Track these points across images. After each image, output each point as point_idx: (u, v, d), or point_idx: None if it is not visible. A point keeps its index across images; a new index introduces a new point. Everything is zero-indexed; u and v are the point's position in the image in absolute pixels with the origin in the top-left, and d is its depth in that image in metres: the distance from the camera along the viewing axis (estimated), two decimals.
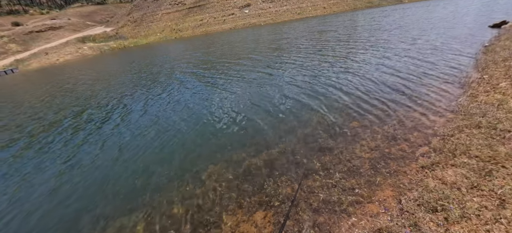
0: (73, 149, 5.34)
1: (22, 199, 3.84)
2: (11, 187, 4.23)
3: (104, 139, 5.56)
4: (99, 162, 4.57)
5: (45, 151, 5.43)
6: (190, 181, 3.56)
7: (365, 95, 5.40)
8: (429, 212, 2.17)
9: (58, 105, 9.56)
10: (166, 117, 6.28)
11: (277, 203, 2.85)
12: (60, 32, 60.88)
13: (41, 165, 4.83)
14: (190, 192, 3.34)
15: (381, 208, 2.45)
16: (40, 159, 5.08)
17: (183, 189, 3.42)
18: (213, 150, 4.29)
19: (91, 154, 4.96)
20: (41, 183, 4.18)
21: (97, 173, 4.22)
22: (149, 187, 3.61)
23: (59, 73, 22.48)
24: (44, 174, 4.48)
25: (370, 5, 48.31)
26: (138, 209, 3.22)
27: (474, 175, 2.42)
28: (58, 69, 27.34)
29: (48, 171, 4.54)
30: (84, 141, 5.66)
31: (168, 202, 3.24)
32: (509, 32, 8.72)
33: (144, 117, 6.55)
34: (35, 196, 3.85)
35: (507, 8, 15.91)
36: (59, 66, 31.27)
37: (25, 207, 3.63)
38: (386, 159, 3.20)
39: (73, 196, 3.72)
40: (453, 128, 3.44)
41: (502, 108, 3.52)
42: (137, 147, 4.90)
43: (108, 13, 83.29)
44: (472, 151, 2.78)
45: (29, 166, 4.86)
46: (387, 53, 8.85)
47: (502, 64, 5.39)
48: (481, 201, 2.11)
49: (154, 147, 4.79)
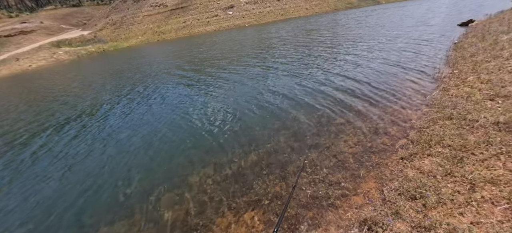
0: (59, 156, 5.02)
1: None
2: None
3: (89, 145, 5.28)
4: (85, 169, 4.34)
5: (26, 163, 5.06)
6: (178, 186, 3.49)
7: (346, 94, 5.60)
8: (409, 200, 2.30)
9: (33, 115, 8.94)
10: (150, 122, 6.10)
11: (266, 201, 2.88)
12: (32, 36, 56.94)
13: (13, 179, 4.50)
14: (178, 197, 3.28)
15: (366, 199, 2.56)
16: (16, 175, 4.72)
17: (171, 194, 3.35)
18: (200, 152, 4.24)
19: (75, 161, 4.70)
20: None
21: (83, 179, 4.00)
22: (134, 193, 3.49)
23: (31, 80, 21.02)
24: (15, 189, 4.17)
25: (350, 6, 50.14)
26: (124, 217, 3.11)
27: (448, 163, 2.59)
28: (31, 75, 25.55)
29: (23, 184, 4.24)
30: (68, 145, 5.35)
31: (155, 208, 3.16)
32: (475, 29, 9.45)
33: (127, 123, 6.31)
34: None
35: (473, 8, 17.23)
36: (32, 73, 29.24)
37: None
38: (369, 152, 3.34)
39: (60, 200, 3.50)
40: (428, 120, 3.67)
41: (471, 100, 3.81)
42: (120, 153, 4.72)
43: (85, 16, 79.23)
44: (446, 141, 2.98)
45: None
46: (365, 53, 9.24)
47: (470, 60, 5.82)
48: (454, 186, 2.27)
49: (139, 152, 4.64)
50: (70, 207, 3.45)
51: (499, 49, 5.82)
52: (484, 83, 4.30)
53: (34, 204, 3.64)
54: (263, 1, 54.26)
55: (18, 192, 4.03)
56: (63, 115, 7.95)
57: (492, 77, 4.42)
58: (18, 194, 3.98)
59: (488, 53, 5.81)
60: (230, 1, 54.87)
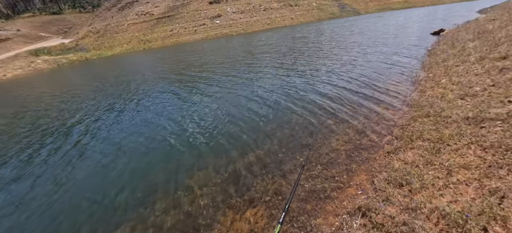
0: (54, 165, 4.84)
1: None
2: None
3: (83, 152, 5.15)
4: (81, 178, 4.24)
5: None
6: (178, 189, 3.55)
7: (335, 97, 5.97)
8: (396, 187, 2.57)
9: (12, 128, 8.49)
10: (146, 129, 6.07)
11: (267, 197, 3.04)
12: (7, 44, 53.83)
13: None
14: (178, 200, 3.33)
15: (359, 190, 2.80)
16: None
17: (171, 198, 3.40)
18: (198, 157, 4.32)
19: (72, 169, 4.57)
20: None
21: (80, 189, 3.91)
22: (134, 200, 3.50)
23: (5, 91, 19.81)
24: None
25: (333, 16, 52.65)
26: (124, 223, 3.11)
27: (428, 154, 2.92)
28: (5, 85, 24.04)
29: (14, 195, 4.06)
30: (65, 155, 5.17)
31: (155, 213, 3.19)
32: (446, 38, 10.42)
33: (122, 131, 6.22)
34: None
35: (444, 17, 18.87)
36: (6, 82, 27.53)
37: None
38: (359, 149, 3.63)
39: (61, 211, 3.41)
40: (409, 118, 4.06)
41: (444, 99, 4.26)
42: (115, 160, 4.67)
43: (66, 24, 76.37)
44: (425, 135, 3.34)
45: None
46: (349, 60, 9.84)
47: (442, 64, 6.45)
48: (435, 173, 2.58)
49: (136, 159, 4.62)
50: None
51: (466, 54, 6.51)
52: (455, 84, 4.82)
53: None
54: (250, 10, 55.52)
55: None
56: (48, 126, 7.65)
57: (461, 79, 4.96)
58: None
59: (457, 58, 6.48)
60: (217, 11, 55.55)
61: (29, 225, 3.31)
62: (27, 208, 3.66)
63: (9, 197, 4.00)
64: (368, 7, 56.65)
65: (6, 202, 3.89)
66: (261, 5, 57.11)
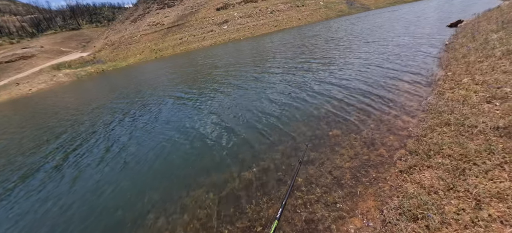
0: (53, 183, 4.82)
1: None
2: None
3: (78, 169, 5.10)
4: (74, 196, 4.14)
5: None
6: (170, 209, 3.29)
7: (340, 103, 5.46)
8: (410, 221, 2.12)
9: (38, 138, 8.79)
10: (142, 142, 5.94)
11: (259, 228, 2.68)
12: (32, 60, 57.83)
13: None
14: (171, 221, 3.07)
15: (364, 221, 2.38)
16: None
17: (164, 219, 3.14)
18: (192, 173, 4.05)
19: (61, 192, 4.50)
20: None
21: (72, 205, 3.79)
22: (126, 218, 3.28)
23: (26, 105, 21.03)
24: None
25: (341, 14, 51.19)
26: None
27: (449, 176, 2.43)
28: (29, 100, 25.60)
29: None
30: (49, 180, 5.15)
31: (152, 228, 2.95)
32: (465, 30, 9.50)
33: (116, 144, 6.15)
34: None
35: (461, 8, 17.52)
36: (31, 97, 29.36)
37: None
38: (366, 166, 3.18)
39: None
40: (425, 128, 3.53)
41: (467, 104, 3.68)
42: (105, 178, 4.53)
43: (84, 38, 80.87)
44: (445, 150, 2.83)
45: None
46: (357, 60, 9.21)
47: (462, 61, 5.76)
48: (459, 203, 2.10)
49: (128, 174, 4.45)
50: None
51: (491, 48, 5.77)
52: (479, 84, 4.20)
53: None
54: (257, 14, 55.52)
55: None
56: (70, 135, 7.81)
57: (486, 78, 4.32)
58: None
59: (480, 53, 5.75)
60: (225, 16, 56.12)
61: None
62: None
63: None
64: (378, 2, 54.55)
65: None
66: (268, 7, 56.99)
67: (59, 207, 4.04)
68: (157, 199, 3.63)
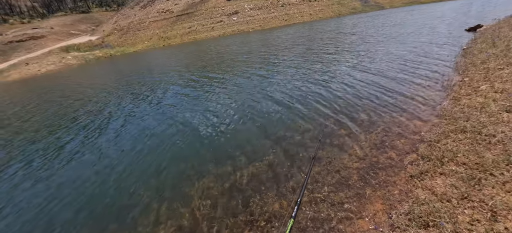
0: (58, 165, 4.93)
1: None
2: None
3: (79, 157, 5.18)
4: (76, 183, 4.21)
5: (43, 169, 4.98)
6: (173, 200, 3.31)
7: (351, 103, 5.35)
8: (421, 228, 2.06)
9: (42, 118, 8.97)
10: (148, 132, 5.98)
11: (263, 223, 2.67)
12: (42, 41, 58.59)
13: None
14: (173, 212, 3.09)
15: (372, 224, 2.33)
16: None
17: (167, 209, 3.16)
18: (196, 164, 4.06)
19: (64, 179, 4.59)
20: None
21: (71, 193, 3.86)
22: (128, 208, 3.32)
23: (39, 84, 21.41)
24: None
25: (354, 12, 49.93)
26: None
27: (463, 184, 2.34)
28: (39, 79, 26.07)
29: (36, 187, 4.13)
30: (55, 164, 5.26)
31: (148, 225, 2.97)
32: (484, 35, 9.12)
33: (123, 134, 6.21)
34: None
35: (480, 12, 16.83)
36: (41, 77, 29.88)
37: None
38: (375, 168, 3.11)
39: (54, 219, 3.36)
40: (439, 133, 3.42)
41: (485, 112, 3.54)
42: (109, 165, 4.58)
43: (93, 22, 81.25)
44: (460, 158, 2.73)
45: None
46: (370, 60, 8.98)
47: (481, 67, 5.54)
48: (473, 213, 2.02)
49: (132, 163, 4.49)
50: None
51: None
52: (499, 92, 4.03)
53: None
54: (267, 6, 54.61)
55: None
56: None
57: (507, 86, 4.14)
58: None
59: (501, 60, 5.52)
60: (235, 7, 55.43)
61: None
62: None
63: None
64: (394, 1, 52.96)
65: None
66: (279, 1, 55.93)
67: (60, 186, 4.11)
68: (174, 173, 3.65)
